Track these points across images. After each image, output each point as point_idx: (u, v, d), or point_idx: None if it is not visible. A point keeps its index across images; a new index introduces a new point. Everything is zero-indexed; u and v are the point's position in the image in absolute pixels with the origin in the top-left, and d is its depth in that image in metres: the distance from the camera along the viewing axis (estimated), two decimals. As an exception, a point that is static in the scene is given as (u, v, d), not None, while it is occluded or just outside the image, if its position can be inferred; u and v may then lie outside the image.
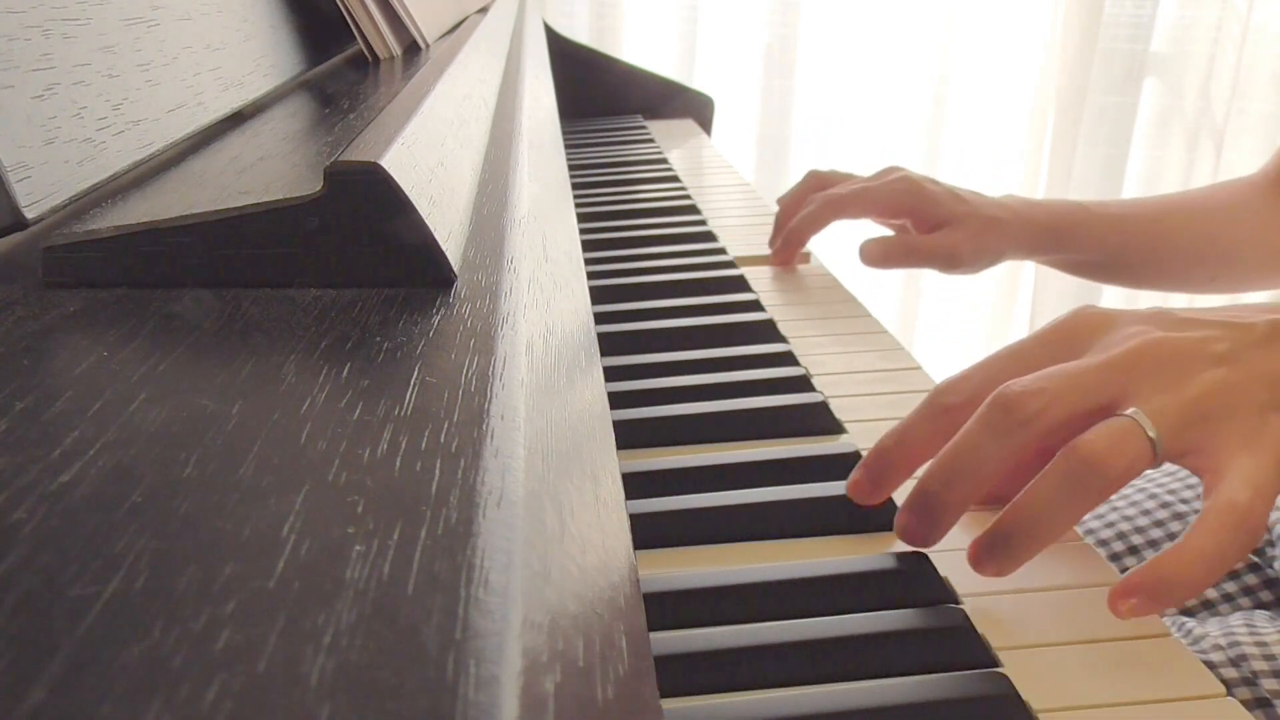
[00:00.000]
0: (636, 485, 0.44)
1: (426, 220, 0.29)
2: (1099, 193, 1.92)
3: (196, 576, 0.15)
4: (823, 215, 0.74)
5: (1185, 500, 0.63)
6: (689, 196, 0.96)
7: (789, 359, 0.59)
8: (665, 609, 0.36)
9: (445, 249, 0.29)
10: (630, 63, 1.43)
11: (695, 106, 1.39)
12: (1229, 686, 0.40)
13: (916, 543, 0.38)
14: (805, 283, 0.75)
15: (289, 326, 0.26)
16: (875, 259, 0.74)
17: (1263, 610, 0.56)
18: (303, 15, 0.65)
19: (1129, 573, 0.35)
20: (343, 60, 0.71)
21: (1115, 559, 0.61)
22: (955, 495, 0.37)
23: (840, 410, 0.52)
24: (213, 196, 0.32)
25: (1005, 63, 1.88)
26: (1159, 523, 0.61)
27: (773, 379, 0.55)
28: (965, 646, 0.35)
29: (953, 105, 1.89)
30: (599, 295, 0.69)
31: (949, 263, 0.74)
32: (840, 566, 0.38)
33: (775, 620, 0.36)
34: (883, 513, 0.42)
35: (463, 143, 0.41)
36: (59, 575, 0.15)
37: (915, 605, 0.36)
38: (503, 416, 0.21)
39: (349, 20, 0.67)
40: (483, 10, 1.01)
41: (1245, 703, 0.40)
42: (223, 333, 0.25)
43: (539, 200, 0.44)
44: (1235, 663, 0.47)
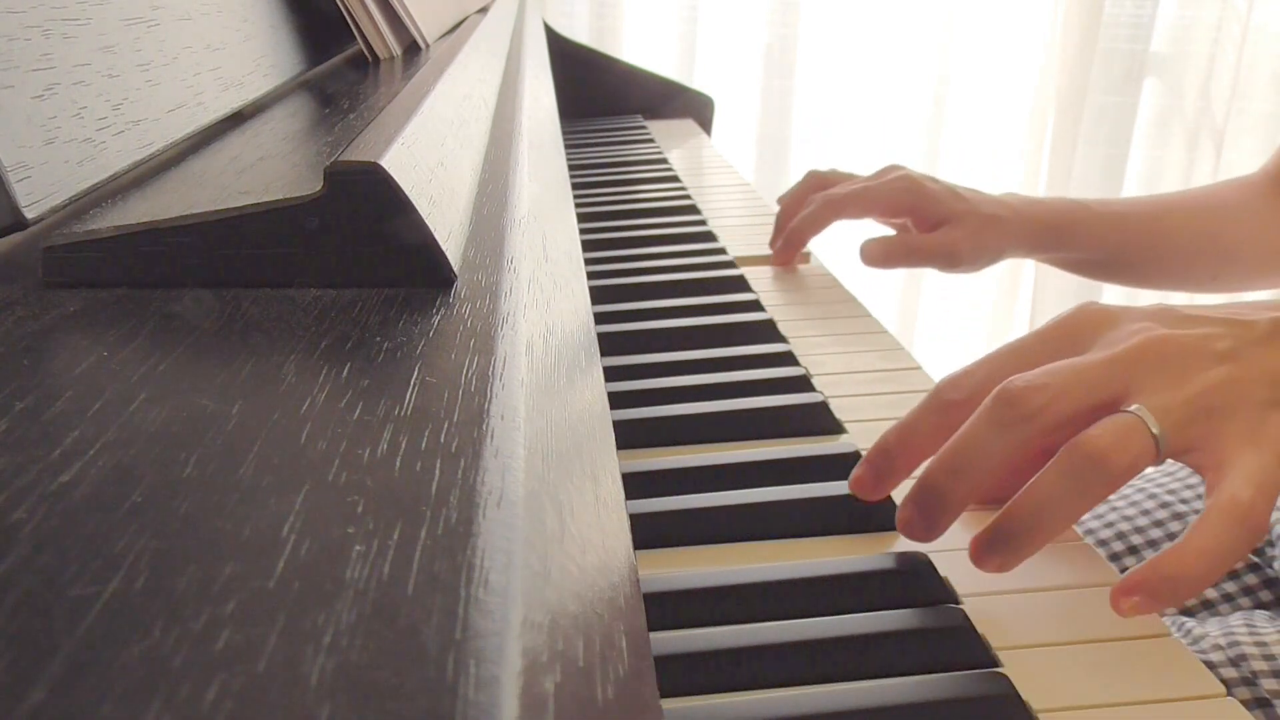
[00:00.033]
0: (636, 485, 0.44)
1: (426, 220, 0.29)
2: (1099, 192, 1.92)
3: (196, 576, 0.15)
4: (823, 215, 0.74)
5: (1185, 500, 0.63)
6: (689, 196, 0.96)
7: (789, 359, 0.59)
8: (665, 609, 0.36)
9: (445, 249, 0.29)
10: (630, 63, 1.43)
11: (695, 106, 1.39)
12: (1229, 686, 0.40)
13: (918, 537, 0.38)
14: (805, 283, 0.75)
15: (289, 326, 0.26)
16: (876, 259, 0.74)
17: (1262, 610, 0.56)
18: (303, 15, 0.65)
19: (1131, 570, 0.35)
20: (343, 60, 0.71)
21: (1115, 559, 0.61)
22: (959, 490, 0.37)
23: (840, 410, 0.52)
24: (213, 196, 0.32)
25: (1005, 63, 1.88)
26: (1158, 523, 0.61)
27: (773, 379, 0.55)
28: (965, 646, 0.35)
29: (953, 105, 1.89)
30: (599, 295, 0.69)
31: (949, 261, 0.74)
32: (840, 566, 0.38)
33: (775, 620, 0.36)
34: (883, 513, 0.42)
35: (463, 143, 0.41)
36: (59, 575, 0.15)
37: (915, 605, 0.37)
38: (503, 416, 0.21)
39: (349, 20, 0.67)
40: (483, 10, 1.01)
41: (1245, 703, 0.40)
42: (223, 333, 0.25)
43: (539, 200, 0.44)
44: (1235, 663, 0.47)
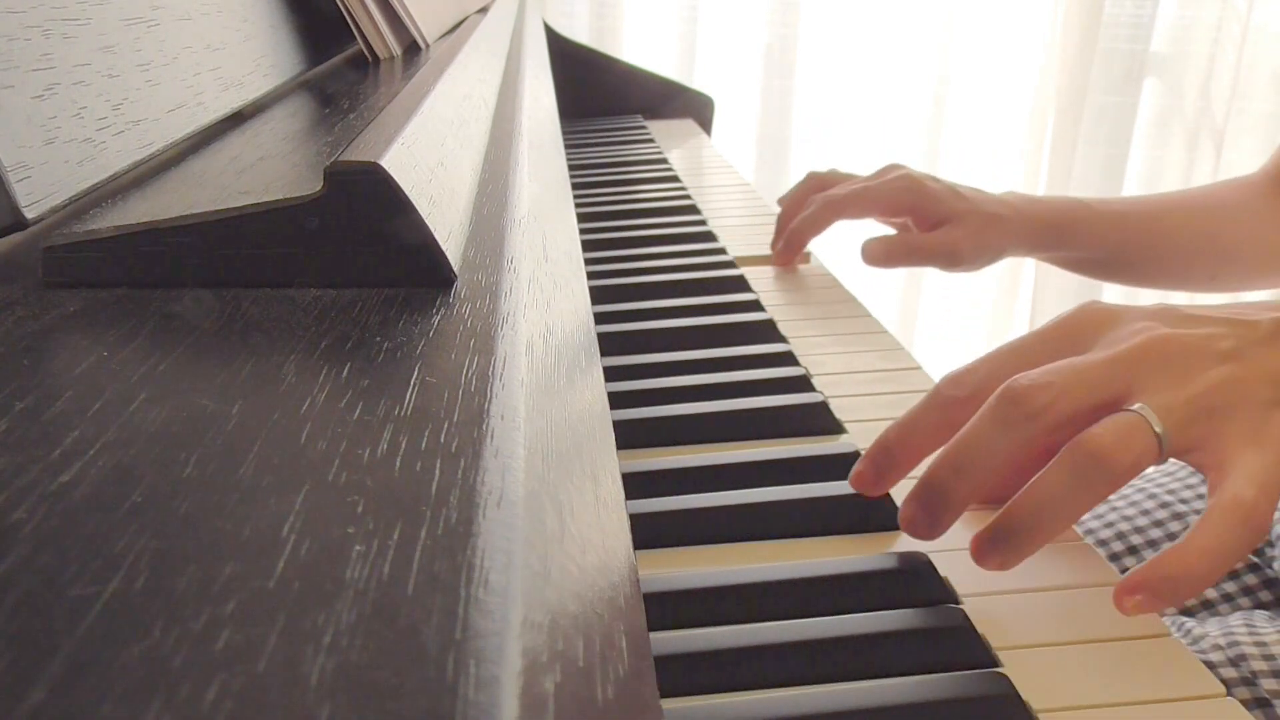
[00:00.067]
0: (636, 485, 0.44)
1: (426, 220, 0.29)
2: (1099, 192, 1.93)
3: (196, 576, 0.15)
4: (824, 216, 0.74)
5: (1184, 500, 0.63)
6: (689, 196, 0.96)
7: (789, 359, 0.59)
8: (665, 609, 0.36)
9: (445, 249, 0.29)
10: (630, 63, 1.43)
11: (695, 106, 1.39)
12: (1228, 686, 0.40)
13: (920, 535, 0.38)
14: (805, 283, 0.75)
15: (289, 326, 0.26)
16: (877, 258, 0.74)
17: (1262, 610, 0.56)
18: (303, 15, 0.65)
19: (1134, 569, 0.35)
20: (343, 60, 0.71)
21: (1115, 559, 0.61)
22: (962, 487, 0.37)
23: (840, 410, 0.52)
24: (213, 196, 0.32)
25: (1005, 63, 1.88)
26: (1158, 523, 0.62)
27: (773, 379, 0.55)
28: (965, 646, 0.35)
29: (953, 105, 1.89)
30: (599, 295, 0.69)
31: (950, 260, 0.74)
32: (840, 566, 0.38)
33: (775, 620, 0.36)
34: (882, 513, 0.42)
35: (463, 143, 0.41)
36: (59, 575, 0.15)
37: (915, 605, 0.37)
38: (503, 416, 0.21)
39: (349, 20, 0.67)
40: (483, 10, 1.01)
41: (1245, 703, 0.40)
42: (223, 333, 0.25)
43: (539, 200, 0.44)
44: (1235, 663, 0.47)
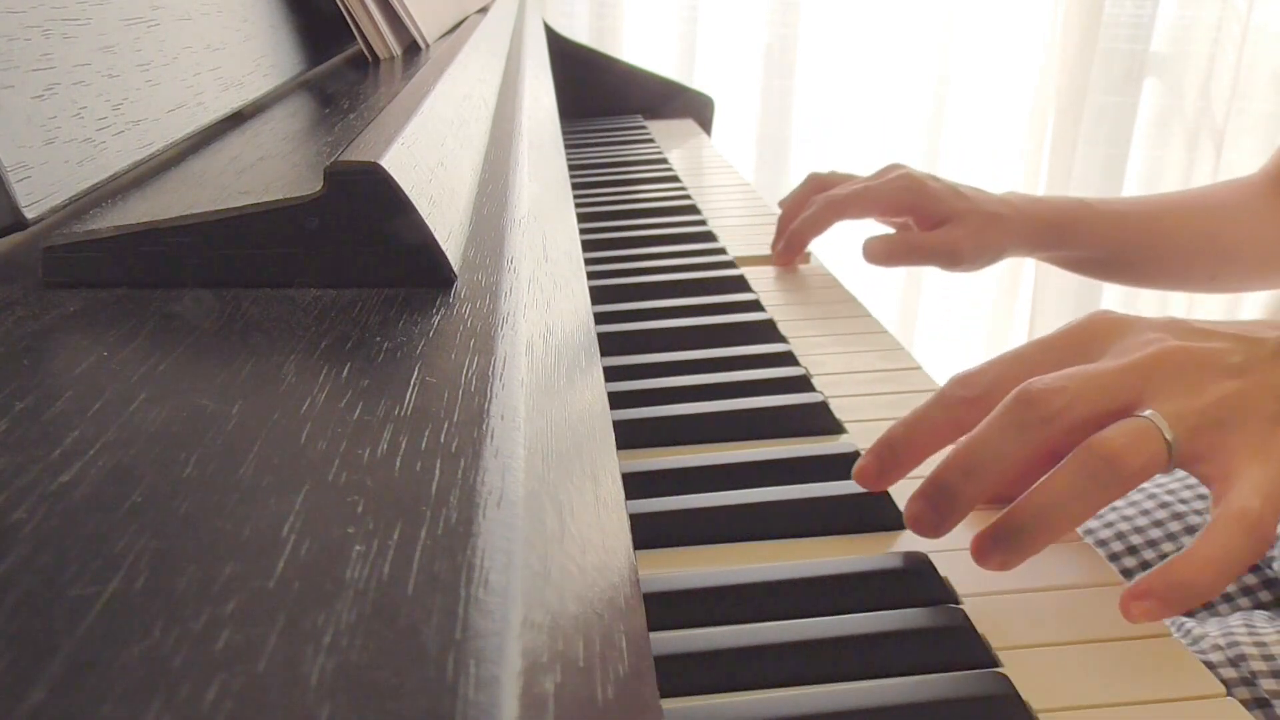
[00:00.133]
0: (636, 485, 0.44)
1: (426, 220, 0.29)
2: (1099, 193, 1.93)
3: (196, 576, 0.15)
4: (825, 216, 0.74)
5: (1184, 500, 0.63)
6: (689, 196, 0.96)
7: (789, 359, 0.59)
8: (665, 609, 0.36)
9: (445, 249, 0.29)
10: (630, 63, 1.43)
11: (695, 106, 1.39)
12: (1228, 686, 0.40)
13: (926, 532, 0.38)
14: (805, 283, 0.75)
15: (289, 326, 0.26)
16: (878, 256, 0.74)
17: (1262, 610, 0.56)
18: (303, 15, 0.65)
19: (1141, 576, 0.35)
20: (343, 60, 0.71)
21: (1114, 559, 0.61)
22: (972, 487, 0.37)
23: (840, 410, 0.52)
24: (213, 196, 0.32)
25: (1005, 63, 1.88)
26: (1158, 523, 0.61)
27: (773, 379, 0.55)
28: (965, 646, 0.35)
29: (953, 105, 1.89)
30: (599, 295, 0.69)
31: (951, 259, 0.74)
32: (840, 566, 0.38)
33: (775, 620, 0.36)
34: (883, 513, 0.42)
35: (463, 143, 0.41)
36: (59, 575, 0.15)
37: (915, 605, 0.37)
38: (503, 416, 0.21)
39: (349, 20, 0.67)
40: (483, 10, 1.01)
41: (1244, 703, 0.40)
42: (223, 333, 0.25)
43: (539, 200, 0.44)
44: (1234, 663, 0.47)
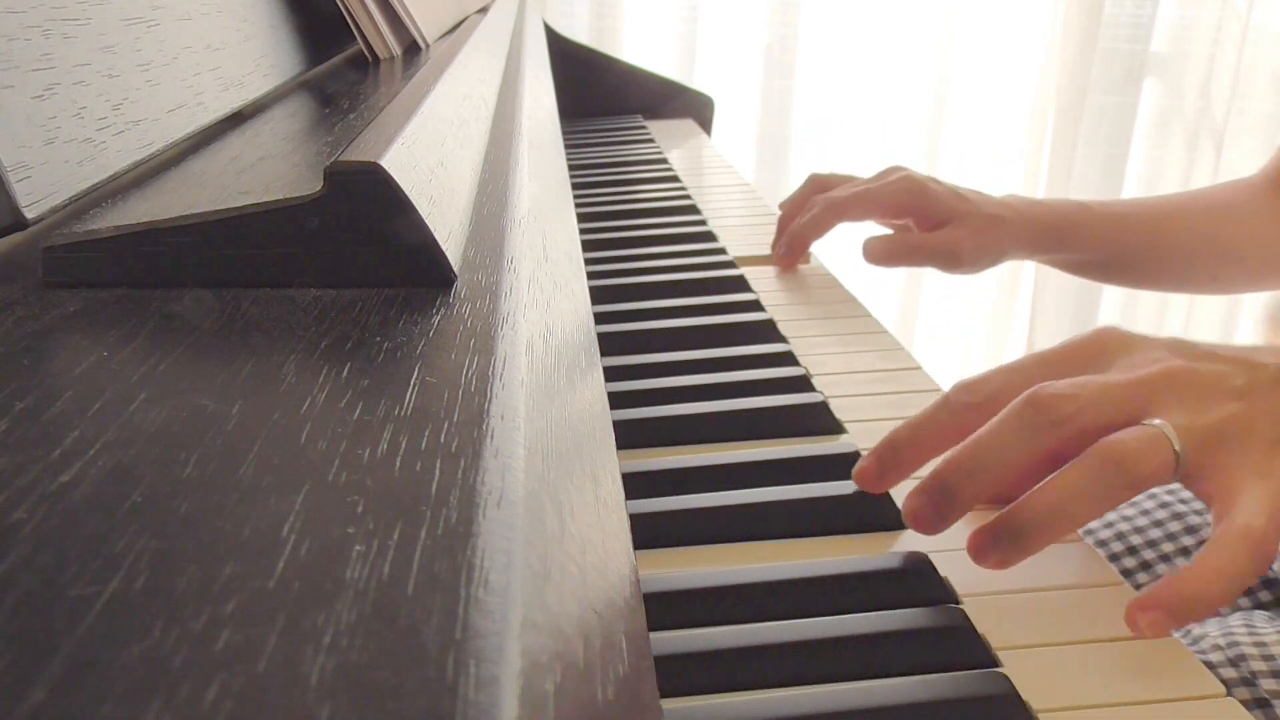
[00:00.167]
0: (636, 485, 0.44)
1: (426, 220, 0.29)
2: (1099, 193, 1.92)
3: (196, 576, 0.15)
4: (826, 219, 0.74)
5: (1185, 501, 0.63)
6: (689, 196, 0.96)
7: (789, 359, 0.59)
8: (665, 609, 0.36)
9: (445, 249, 0.29)
10: (630, 63, 1.43)
11: (695, 106, 1.39)
12: (1228, 686, 0.40)
13: (923, 529, 0.39)
14: (805, 283, 0.75)
15: (289, 326, 0.26)
16: (878, 256, 0.74)
17: (1262, 610, 0.56)
18: (303, 15, 0.65)
19: (1146, 589, 0.35)
20: (343, 60, 0.71)
21: (1114, 559, 0.61)
22: (974, 486, 0.38)
23: (840, 410, 0.52)
24: (213, 196, 0.32)
25: (1005, 63, 1.88)
26: (1158, 523, 0.61)
27: (773, 379, 0.55)
28: (965, 646, 0.35)
29: (953, 105, 1.89)
30: (599, 295, 0.69)
31: (951, 260, 0.74)
32: (840, 566, 0.38)
33: (775, 620, 0.36)
34: (883, 513, 0.42)
35: (463, 143, 0.41)
36: (59, 575, 0.15)
37: (915, 605, 0.37)
38: (503, 416, 0.21)
39: (349, 20, 0.67)
40: (483, 10, 1.01)
41: (1244, 703, 0.40)
42: (223, 333, 0.25)
43: (539, 200, 0.44)
44: (1234, 663, 0.47)
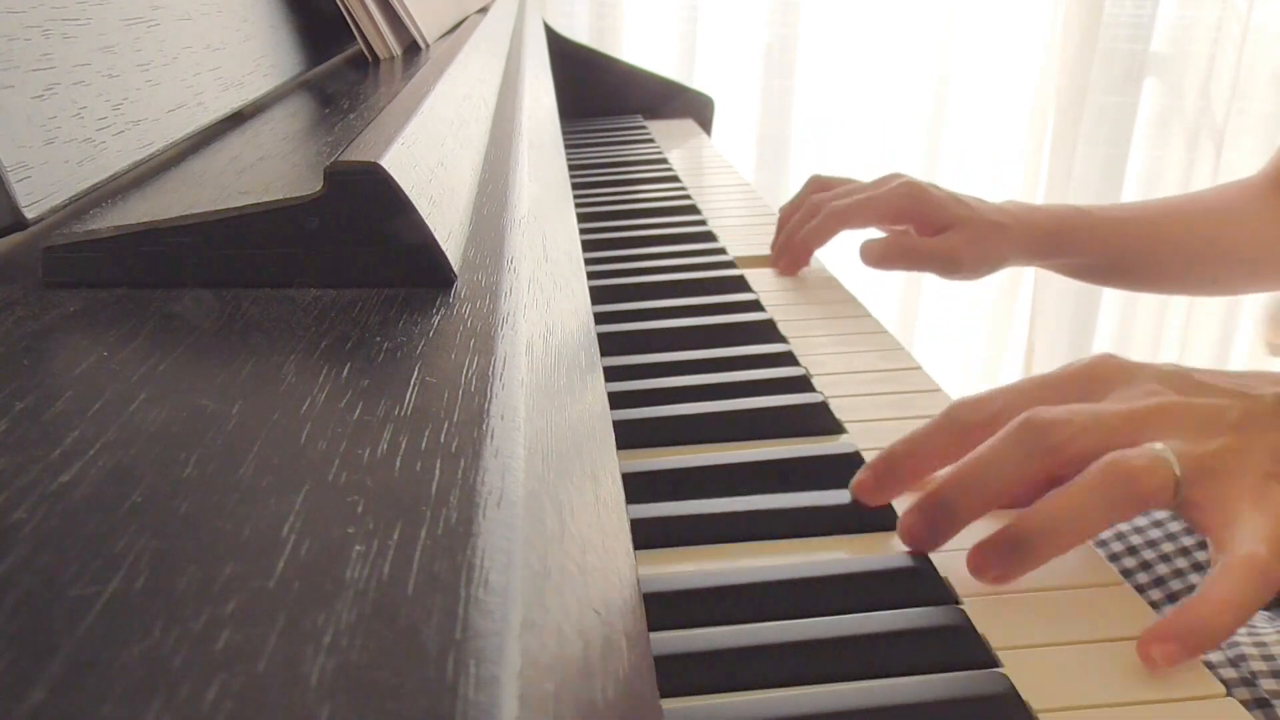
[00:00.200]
0: (636, 486, 0.44)
1: (426, 220, 0.29)
2: (1099, 192, 1.92)
3: (196, 576, 0.15)
4: (828, 227, 0.75)
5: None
6: (689, 196, 0.96)
7: (789, 359, 0.58)
8: (665, 609, 0.36)
9: (445, 249, 0.29)
10: (630, 63, 1.43)
11: (695, 106, 1.39)
12: (1228, 686, 0.40)
13: (919, 545, 0.39)
14: (805, 283, 0.75)
15: (289, 326, 0.26)
16: (875, 259, 0.74)
17: (1262, 610, 0.56)
18: (303, 15, 0.65)
19: (1160, 621, 0.35)
20: (343, 60, 0.71)
21: (1114, 559, 0.61)
22: (970, 505, 0.38)
23: (840, 410, 0.52)
24: (213, 196, 0.32)
25: (1005, 63, 1.88)
26: (1158, 523, 0.61)
27: (773, 379, 0.55)
28: (965, 646, 0.35)
29: (953, 105, 1.89)
30: (599, 295, 0.69)
31: (949, 265, 0.74)
32: (840, 566, 0.38)
33: (775, 620, 0.36)
34: (882, 513, 0.42)
35: (463, 143, 0.41)
36: (59, 575, 0.15)
37: (915, 605, 0.37)
38: (503, 416, 0.21)
39: (349, 20, 0.67)
40: (483, 10, 1.01)
41: (1244, 703, 0.40)
42: (223, 333, 0.25)
43: (539, 200, 0.44)
44: (1234, 663, 0.47)
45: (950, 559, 0.39)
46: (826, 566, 0.38)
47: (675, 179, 1.03)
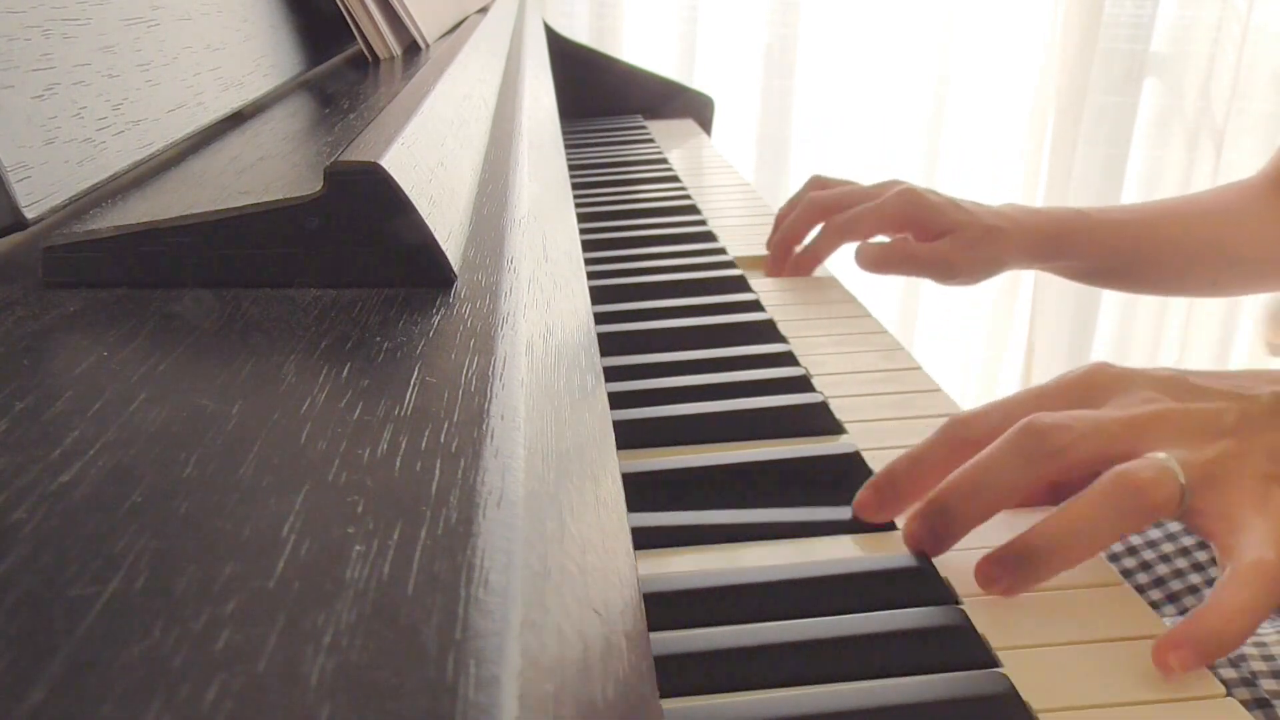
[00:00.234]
0: (637, 485, 0.44)
1: (426, 220, 0.29)
2: (1099, 193, 1.92)
3: (196, 576, 0.15)
4: (831, 240, 0.75)
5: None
6: (689, 196, 0.96)
7: (789, 359, 0.58)
8: (665, 609, 0.36)
9: (445, 249, 0.29)
10: (630, 63, 1.43)
11: (695, 106, 1.39)
12: (1228, 687, 0.40)
13: (923, 551, 0.39)
14: (805, 283, 0.75)
15: (289, 326, 0.26)
16: (871, 263, 0.75)
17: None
18: (303, 15, 0.65)
19: (1174, 629, 0.35)
20: (343, 60, 0.71)
21: (1114, 559, 0.61)
22: (971, 511, 0.38)
23: (840, 410, 0.52)
24: (213, 196, 0.32)
25: (1005, 63, 1.88)
26: (1158, 522, 0.61)
27: (773, 379, 0.55)
28: (965, 646, 0.35)
29: (953, 105, 1.89)
30: (599, 295, 0.69)
31: (946, 271, 0.74)
32: (840, 566, 0.38)
33: (775, 620, 0.36)
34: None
35: (463, 143, 0.41)
36: (59, 575, 0.15)
37: (915, 605, 0.37)
38: (503, 416, 0.21)
39: (349, 20, 0.67)
40: (483, 10, 1.01)
41: (1245, 703, 0.40)
42: (223, 333, 0.25)
43: (539, 200, 0.44)
44: (1234, 663, 0.47)
45: (950, 559, 0.39)
46: (826, 566, 0.38)
47: (675, 179, 1.03)
